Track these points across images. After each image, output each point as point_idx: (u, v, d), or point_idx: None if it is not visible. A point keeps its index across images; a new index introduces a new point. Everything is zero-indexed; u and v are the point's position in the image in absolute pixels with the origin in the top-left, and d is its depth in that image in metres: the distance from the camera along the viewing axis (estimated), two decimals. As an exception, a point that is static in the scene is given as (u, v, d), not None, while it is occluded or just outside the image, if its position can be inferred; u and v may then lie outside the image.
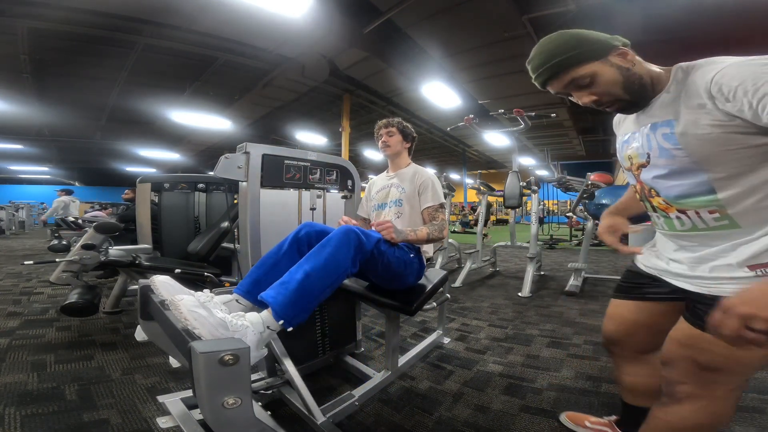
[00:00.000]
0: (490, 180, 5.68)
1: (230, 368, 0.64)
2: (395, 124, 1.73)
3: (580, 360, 1.88)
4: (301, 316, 0.97)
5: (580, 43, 0.77)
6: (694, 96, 0.68)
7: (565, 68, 0.78)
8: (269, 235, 1.80)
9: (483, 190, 4.63)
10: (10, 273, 4.14)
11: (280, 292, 0.96)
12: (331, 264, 1.04)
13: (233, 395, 0.66)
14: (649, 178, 0.81)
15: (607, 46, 0.77)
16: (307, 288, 0.98)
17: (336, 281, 1.07)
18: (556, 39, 0.80)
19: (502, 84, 6.55)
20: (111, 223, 2.35)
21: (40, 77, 6.03)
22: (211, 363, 0.63)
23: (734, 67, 0.63)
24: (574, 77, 0.78)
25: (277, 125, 9.45)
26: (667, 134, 0.73)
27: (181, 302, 0.81)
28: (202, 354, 0.63)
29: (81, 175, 18.38)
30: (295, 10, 3.67)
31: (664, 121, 0.74)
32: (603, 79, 0.77)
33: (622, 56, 0.77)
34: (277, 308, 0.93)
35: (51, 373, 1.68)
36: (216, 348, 0.64)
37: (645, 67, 0.79)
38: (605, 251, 6.79)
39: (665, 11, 4.10)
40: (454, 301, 3.09)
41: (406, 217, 1.64)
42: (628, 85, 0.77)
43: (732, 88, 0.61)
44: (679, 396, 0.79)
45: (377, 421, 1.37)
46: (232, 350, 0.65)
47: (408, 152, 1.80)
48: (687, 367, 0.77)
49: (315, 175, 1.66)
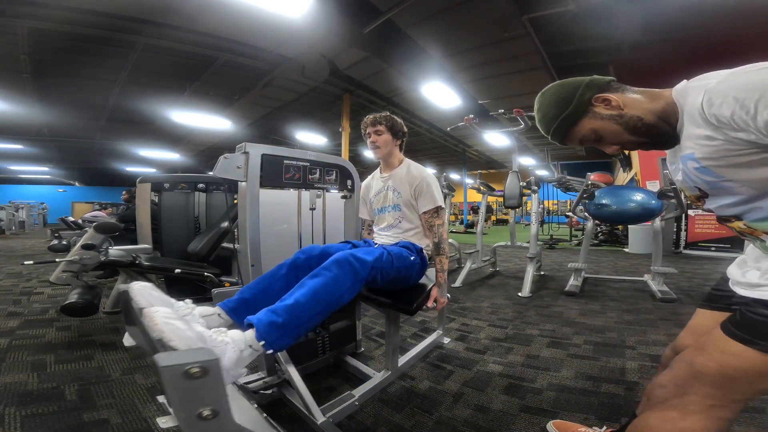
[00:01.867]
0: (490, 180, 5.68)
1: (199, 381, 0.59)
2: (383, 120, 1.59)
3: (580, 360, 1.88)
4: (284, 340, 0.94)
5: (560, 106, 0.78)
6: (699, 126, 0.65)
7: (564, 133, 0.79)
8: (269, 235, 1.80)
9: (483, 190, 4.63)
10: (10, 273, 4.14)
11: (266, 315, 0.94)
12: (322, 293, 1.03)
13: (208, 407, 0.61)
14: (716, 207, 0.74)
15: (582, 100, 0.76)
16: (295, 314, 0.96)
17: (326, 309, 1.05)
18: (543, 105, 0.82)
19: (502, 84, 6.55)
20: (111, 223, 2.35)
21: (40, 77, 6.02)
22: (176, 376, 0.58)
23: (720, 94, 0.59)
24: (579, 138, 0.78)
25: (277, 125, 9.45)
26: (699, 168, 0.68)
27: (156, 313, 0.76)
28: (164, 367, 0.57)
29: (81, 175, 18.39)
30: (295, 10, 3.67)
31: (687, 155, 0.69)
32: (605, 132, 0.76)
33: (606, 104, 0.75)
34: (261, 329, 0.90)
35: (51, 373, 1.68)
36: (181, 360, 0.59)
37: (640, 105, 0.74)
38: (605, 251, 6.79)
39: (665, 11, 4.09)
40: (454, 301, 3.09)
41: (406, 222, 1.62)
42: (633, 130, 0.73)
43: (727, 117, 0.58)
44: (654, 400, 0.75)
45: (377, 421, 1.37)
46: (198, 362, 0.59)
47: (399, 149, 1.68)
48: (680, 370, 0.73)
49: (314, 175, 1.66)
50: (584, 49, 5.30)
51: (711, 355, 0.68)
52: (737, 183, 0.65)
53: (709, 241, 6.13)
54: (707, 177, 0.68)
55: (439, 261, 1.54)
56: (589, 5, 4.09)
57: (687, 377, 0.71)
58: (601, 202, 3.16)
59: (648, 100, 0.74)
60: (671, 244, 6.50)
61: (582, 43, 5.13)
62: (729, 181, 0.65)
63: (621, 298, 3.15)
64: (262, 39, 5.09)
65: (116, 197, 7.67)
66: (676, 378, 0.73)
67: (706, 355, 0.69)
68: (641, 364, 1.80)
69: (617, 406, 1.43)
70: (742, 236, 0.75)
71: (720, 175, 0.65)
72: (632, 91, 0.77)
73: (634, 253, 6.43)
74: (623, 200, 3.15)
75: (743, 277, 0.76)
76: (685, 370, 0.72)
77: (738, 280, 0.78)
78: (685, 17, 4.12)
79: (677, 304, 2.90)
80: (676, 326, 2.36)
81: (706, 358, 0.68)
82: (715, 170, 0.65)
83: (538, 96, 0.85)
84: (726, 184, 0.66)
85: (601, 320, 2.55)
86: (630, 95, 0.76)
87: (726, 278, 0.86)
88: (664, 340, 2.11)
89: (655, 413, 0.74)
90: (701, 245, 6.22)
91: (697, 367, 0.69)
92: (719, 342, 0.68)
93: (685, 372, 0.71)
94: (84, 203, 16.42)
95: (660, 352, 1.94)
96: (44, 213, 14.58)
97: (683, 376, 0.71)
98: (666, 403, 0.72)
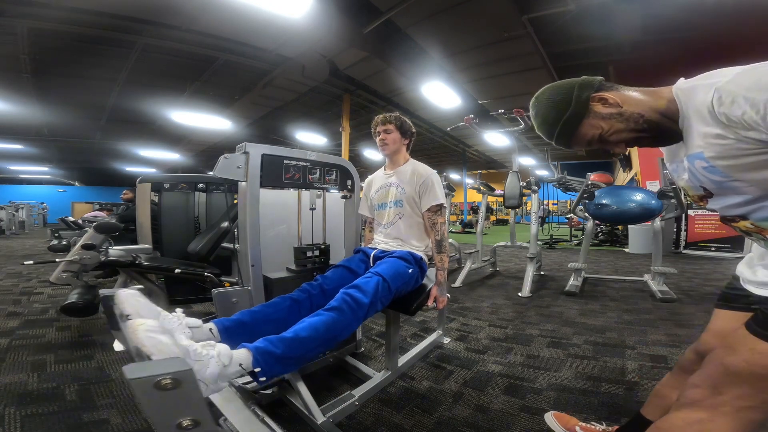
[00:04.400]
0: (490, 180, 5.68)
1: (172, 392, 0.56)
2: (393, 120, 1.64)
3: (580, 360, 1.88)
4: (277, 369, 0.95)
5: (559, 108, 0.77)
6: (709, 124, 0.64)
7: (569, 136, 0.79)
8: (269, 235, 1.80)
9: (483, 190, 4.63)
10: (10, 273, 4.15)
11: (265, 344, 0.95)
12: (322, 331, 1.05)
13: (187, 417, 0.59)
14: (720, 207, 0.74)
15: (581, 100, 0.75)
16: (294, 347, 0.98)
17: (323, 345, 1.08)
18: (540, 109, 0.81)
19: (502, 84, 6.55)
20: (111, 223, 2.35)
21: (40, 77, 6.03)
22: (147, 388, 0.55)
23: (731, 93, 0.59)
24: (586, 139, 0.78)
25: (277, 125, 9.45)
26: (708, 167, 0.67)
27: (140, 327, 0.73)
28: (133, 380, 0.54)
29: (81, 175, 18.40)
30: (295, 10, 3.67)
31: (695, 153, 0.68)
32: (609, 132, 0.75)
33: (603, 103, 0.75)
34: (258, 356, 0.90)
35: (51, 373, 1.68)
36: (151, 372, 0.55)
37: (639, 102, 0.74)
38: (605, 251, 6.79)
39: (665, 11, 4.09)
40: (454, 301, 3.09)
41: (407, 218, 1.63)
42: (635, 127, 0.73)
43: (738, 116, 0.58)
44: (684, 400, 0.73)
45: (377, 421, 1.37)
46: (169, 373, 0.55)
47: (407, 148, 1.73)
48: (712, 370, 0.71)
49: (315, 175, 1.66)
50: (584, 49, 5.30)
51: (741, 354, 0.67)
52: (745, 183, 0.65)
53: (709, 241, 6.13)
54: (715, 176, 0.67)
55: (439, 259, 1.55)
56: (589, 5, 4.09)
57: (720, 377, 0.69)
58: (601, 202, 3.16)
59: (647, 97, 0.74)
60: (671, 244, 6.50)
61: (582, 43, 5.13)
62: (737, 181, 0.65)
63: (621, 298, 3.15)
64: (262, 39, 5.09)
65: (116, 197, 7.65)
66: (709, 378, 0.70)
67: (736, 355, 0.67)
68: (641, 364, 1.80)
69: (617, 406, 1.43)
70: (747, 236, 0.75)
71: (728, 174, 0.65)
72: (627, 89, 0.77)
73: (634, 253, 6.43)
74: (623, 200, 3.15)
75: (754, 275, 0.76)
76: (718, 370, 0.70)
77: (750, 279, 0.78)
78: (685, 17, 4.12)
79: (677, 304, 2.90)
80: (676, 326, 2.36)
81: (737, 358, 0.67)
82: (724, 170, 0.65)
83: (532, 102, 0.84)
84: (734, 183, 0.66)
85: (601, 320, 2.55)
86: (626, 93, 0.76)
87: (737, 277, 0.85)
88: (664, 340, 2.11)
89: (682, 414, 0.72)
90: (701, 245, 6.22)
91: (729, 367, 0.68)
92: (747, 341, 0.67)
93: (718, 372, 0.69)
94: (84, 203, 16.43)
95: (660, 352, 1.95)
96: (44, 213, 14.59)
97: (716, 376, 0.69)
98: (697, 404, 0.70)
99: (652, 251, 3.55)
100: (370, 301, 1.21)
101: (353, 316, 1.15)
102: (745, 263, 0.83)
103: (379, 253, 1.57)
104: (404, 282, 1.42)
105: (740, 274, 0.83)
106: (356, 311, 1.16)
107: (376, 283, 1.27)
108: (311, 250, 1.69)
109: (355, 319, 1.16)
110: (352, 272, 1.47)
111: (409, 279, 1.46)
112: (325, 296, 1.31)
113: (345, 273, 1.46)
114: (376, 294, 1.24)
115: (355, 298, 1.18)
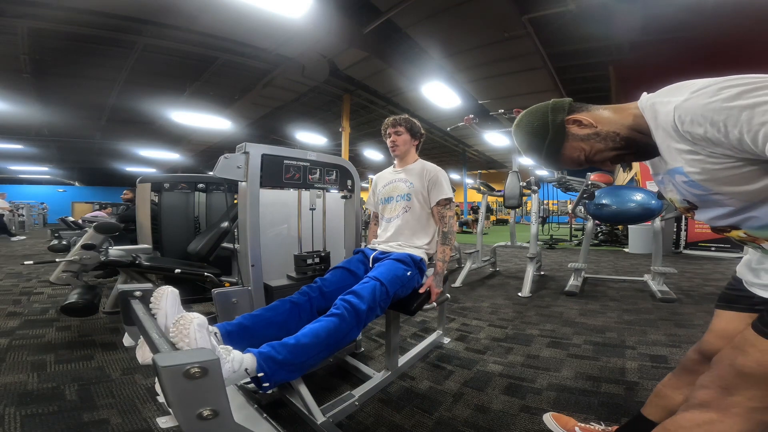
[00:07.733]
0: (490, 180, 5.69)
1: (198, 381, 0.59)
2: (402, 122, 1.69)
3: (580, 360, 1.88)
4: (280, 375, 0.97)
5: (539, 134, 0.78)
6: (677, 141, 0.64)
7: (556, 159, 0.80)
8: (269, 235, 1.80)
9: (483, 190, 4.63)
10: (10, 273, 4.14)
11: (268, 350, 0.97)
12: (323, 338, 1.08)
13: (208, 407, 0.61)
14: (707, 218, 0.73)
15: (556, 124, 0.76)
16: (297, 353, 1.00)
17: (325, 351, 1.10)
18: (523, 137, 0.82)
19: (502, 84, 6.55)
20: (111, 223, 2.35)
21: (40, 77, 6.03)
22: (176, 376, 0.58)
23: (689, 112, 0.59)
24: (571, 161, 0.78)
25: (277, 125, 9.45)
26: (689, 182, 0.67)
27: (194, 320, 0.79)
28: (163, 368, 0.57)
29: (81, 175, 18.38)
30: (295, 10, 3.67)
31: (675, 168, 0.68)
32: (591, 152, 0.76)
33: (578, 125, 0.75)
34: (262, 362, 0.93)
35: (51, 373, 1.68)
36: (181, 360, 0.59)
37: (611, 120, 0.74)
38: (605, 251, 6.80)
39: (665, 11, 4.10)
40: (454, 301, 3.09)
41: (415, 212, 1.65)
42: (614, 145, 0.74)
43: (701, 134, 0.58)
44: (694, 401, 0.72)
45: (377, 421, 1.37)
46: (199, 363, 0.59)
47: (416, 149, 1.79)
48: (722, 371, 0.70)
49: (315, 175, 1.66)
50: (584, 49, 5.31)
51: (751, 355, 0.66)
52: (726, 196, 0.65)
53: (709, 241, 6.13)
54: (696, 190, 0.68)
55: (442, 250, 1.57)
56: (589, 5, 4.10)
57: (731, 378, 0.68)
58: (601, 202, 3.16)
59: (616, 115, 0.75)
60: (671, 244, 6.50)
61: (582, 43, 5.13)
62: (717, 194, 0.66)
63: (621, 298, 3.15)
64: (262, 39, 5.10)
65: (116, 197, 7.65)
66: (720, 379, 0.70)
67: (746, 355, 0.67)
68: (641, 364, 1.80)
69: (617, 406, 1.43)
70: (742, 244, 0.75)
71: (707, 188, 0.65)
72: (597, 109, 0.77)
73: (634, 253, 6.43)
74: (623, 200, 3.14)
75: (757, 278, 0.77)
76: (728, 371, 0.69)
77: (752, 281, 0.78)
78: (685, 17, 4.12)
79: (677, 304, 2.90)
80: (676, 326, 2.36)
81: (748, 359, 0.66)
82: (703, 183, 0.65)
83: (513, 130, 0.86)
84: (714, 197, 0.66)
85: (601, 320, 2.55)
86: (597, 112, 0.76)
87: (738, 278, 0.85)
88: (664, 340, 2.11)
89: (691, 414, 0.71)
90: (701, 245, 6.21)
91: (740, 368, 0.67)
92: (757, 342, 0.66)
93: (729, 373, 0.69)
94: (84, 203, 16.41)
95: (660, 352, 1.95)
96: (44, 213, 14.58)
97: (727, 377, 0.69)
98: (707, 405, 0.69)
99: (652, 251, 3.54)
100: (368, 306, 1.23)
101: (353, 322, 1.17)
102: (744, 266, 0.83)
103: (378, 254, 1.59)
104: (402, 285, 1.43)
105: (742, 276, 0.83)
106: (356, 317, 1.18)
107: (373, 288, 1.28)
108: (311, 257, 1.69)
109: (355, 325, 1.18)
110: (352, 273, 1.49)
111: (408, 282, 1.47)
112: (324, 299, 1.33)
113: (344, 275, 1.47)
114: (374, 299, 1.26)
115: (353, 304, 1.20)
